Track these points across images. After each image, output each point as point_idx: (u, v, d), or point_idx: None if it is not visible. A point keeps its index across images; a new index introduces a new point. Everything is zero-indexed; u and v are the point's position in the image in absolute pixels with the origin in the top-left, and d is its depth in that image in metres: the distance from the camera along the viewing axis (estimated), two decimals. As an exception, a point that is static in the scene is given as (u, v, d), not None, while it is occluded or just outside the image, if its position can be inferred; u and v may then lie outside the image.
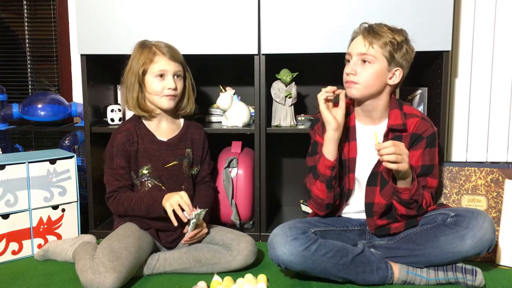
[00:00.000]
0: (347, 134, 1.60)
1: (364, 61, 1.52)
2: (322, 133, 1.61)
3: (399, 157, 1.39)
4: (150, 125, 1.77)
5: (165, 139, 1.76)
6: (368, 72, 1.52)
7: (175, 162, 1.75)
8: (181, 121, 1.84)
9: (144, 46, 1.71)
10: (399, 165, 1.40)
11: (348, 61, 1.56)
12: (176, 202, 1.56)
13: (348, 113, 1.61)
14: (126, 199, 1.65)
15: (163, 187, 1.72)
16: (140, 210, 1.63)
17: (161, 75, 1.69)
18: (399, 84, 1.58)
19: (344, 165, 1.60)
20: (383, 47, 1.50)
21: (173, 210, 1.57)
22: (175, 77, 1.72)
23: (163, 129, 1.78)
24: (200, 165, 1.82)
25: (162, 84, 1.69)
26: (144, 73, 1.69)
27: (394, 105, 1.58)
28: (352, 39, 1.58)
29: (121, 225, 1.67)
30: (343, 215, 1.68)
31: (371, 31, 1.52)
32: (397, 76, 1.54)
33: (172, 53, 1.71)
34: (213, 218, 1.89)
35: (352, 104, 1.63)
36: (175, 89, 1.71)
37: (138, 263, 1.55)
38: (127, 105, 1.74)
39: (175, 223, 1.57)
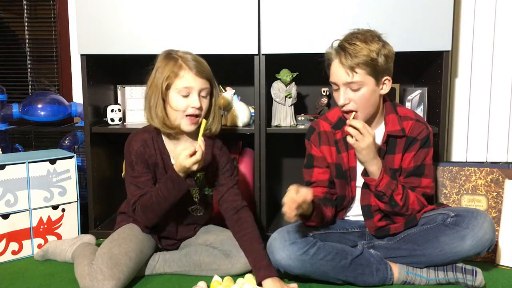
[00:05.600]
0: (345, 143, 1.57)
1: (353, 88, 1.47)
2: (318, 144, 1.61)
3: (359, 135, 1.42)
4: (168, 143, 1.62)
5: None
6: (361, 97, 1.47)
7: None
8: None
9: (170, 57, 1.55)
10: (355, 143, 1.44)
11: (336, 89, 1.51)
12: (187, 161, 1.44)
13: (344, 122, 1.58)
14: (148, 200, 1.53)
15: None
16: (164, 199, 1.50)
17: (185, 92, 1.53)
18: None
19: (345, 175, 1.59)
20: (365, 68, 1.44)
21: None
22: (201, 94, 1.55)
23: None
24: (217, 181, 1.68)
25: (185, 102, 1.53)
26: (167, 87, 1.53)
27: (389, 110, 1.57)
28: (328, 63, 1.52)
29: (124, 226, 1.63)
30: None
31: (347, 55, 1.43)
32: (387, 84, 1.50)
33: (199, 68, 1.54)
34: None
35: None
36: (200, 108, 1.54)
37: (138, 267, 1.54)
38: (152, 122, 1.57)
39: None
